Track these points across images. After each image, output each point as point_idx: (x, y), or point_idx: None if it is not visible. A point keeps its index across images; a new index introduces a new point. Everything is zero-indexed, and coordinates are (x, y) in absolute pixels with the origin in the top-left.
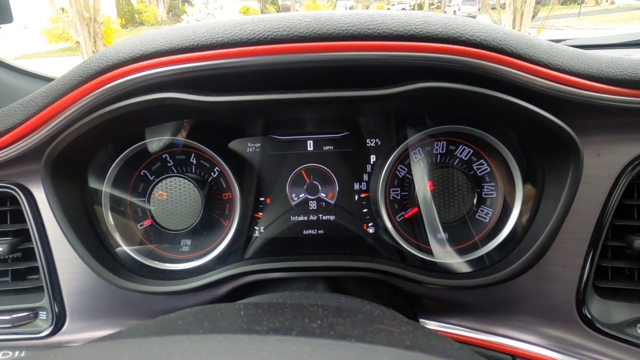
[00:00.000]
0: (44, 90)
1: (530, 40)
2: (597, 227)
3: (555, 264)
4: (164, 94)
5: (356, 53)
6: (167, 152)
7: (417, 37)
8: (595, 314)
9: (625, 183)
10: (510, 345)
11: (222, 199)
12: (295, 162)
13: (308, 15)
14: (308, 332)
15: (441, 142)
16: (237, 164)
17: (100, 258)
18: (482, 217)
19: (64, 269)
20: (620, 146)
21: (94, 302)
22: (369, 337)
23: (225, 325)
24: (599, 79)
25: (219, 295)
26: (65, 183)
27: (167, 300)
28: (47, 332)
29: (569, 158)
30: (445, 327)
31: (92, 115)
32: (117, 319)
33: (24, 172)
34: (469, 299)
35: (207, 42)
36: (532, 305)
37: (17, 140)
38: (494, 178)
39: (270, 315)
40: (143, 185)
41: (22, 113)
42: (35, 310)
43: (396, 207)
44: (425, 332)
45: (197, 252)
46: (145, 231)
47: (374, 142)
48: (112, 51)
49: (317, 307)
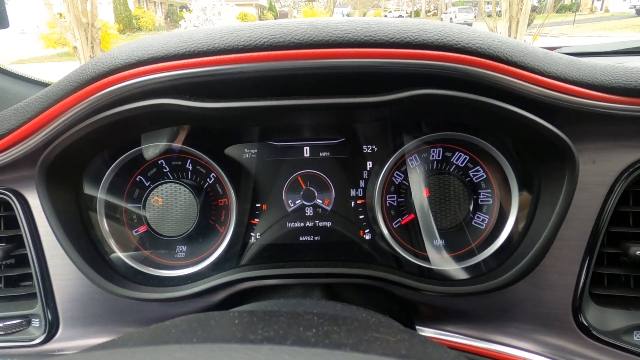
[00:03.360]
0: (40, 95)
1: (526, 48)
2: (593, 234)
3: (552, 271)
4: (160, 100)
5: (352, 60)
6: (163, 158)
7: (413, 45)
8: (592, 321)
9: (620, 190)
10: (507, 352)
11: (218, 205)
12: (291, 168)
13: (305, 22)
14: (303, 341)
15: (437, 149)
16: (233, 170)
17: (94, 265)
18: (478, 224)
19: (57, 275)
20: (615, 153)
21: (87, 309)
22: (364, 346)
23: (219, 334)
24: (593, 87)
25: (215, 302)
26: (59, 189)
27: (162, 307)
28: (40, 339)
29: (565, 165)
30: (441, 335)
31: (88, 121)
32: (110, 326)
33: (18, 178)
34: (465, 306)
35: (203, 48)
36: (528, 313)
37: (12, 146)
38: (490, 185)
39: (265, 323)
40: (138, 191)
41: (17, 118)
42: (28, 317)
43: (392, 214)
44: (421, 341)
45: (193, 259)
46: (140, 237)
47: (370, 149)
48: (108, 57)
49: (312, 315)
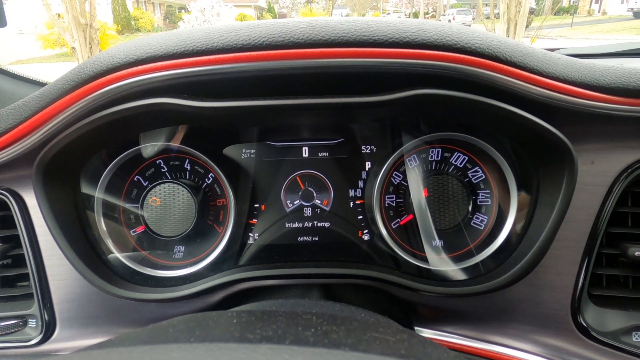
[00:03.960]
0: (37, 94)
1: (525, 49)
2: (591, 235)
3: (550, 272)
4: (159, 99)
5: (351, 60)
6: (161, 157)
7: (412, 44)
8: (591, 322)
9: (619, 191)
10: (506, 353)
11: (216, 205)
12: (290, 168)
13: (304, 21)
14: (301, 341)
15: (436, 149)
16: (231, 170)
17: (91, 265)
18: (477, 225)
19: (54, 275)
20: (614, 154)
21: (84, 309)
22: (363, 345)
23: (217, 334)
24: (592, 87)
25: (213, 303)
26: (57, 188)
27: (160, 307)
28: (37, 340)
29: (564, 166)
30: (440, 335)
31: (86, 120)
32: (108, 326)
33: (15, 178)
34: (464, 307)
35: (202, 47)
36: (527, 313)
37: (9, 145)
38: (489, 185)
39: (263, 323)
40: (136, 191)
41: (14, 117)
42: (25, 317)
43: (391, 214)
44: (420, 341)
45: (191, 259)
46: (138, 237)
47: (369, 149)
48: (106, 56)
49: (311, 315)
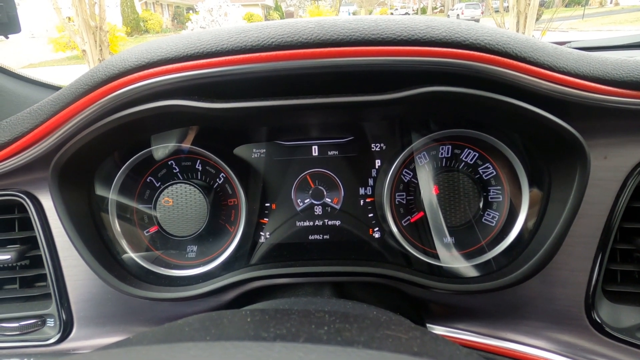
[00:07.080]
0: (51, 99)
1: (535, 43)
2: (605, 230)
3: (563, 268)
4: (170, 102)
5: (360, 58)
6: (173, 158)
7: (421, 42)
8: (605, 318)
9: (633, 185)
10: (519, 350)
11: (227, 205)
12: (300, 167)
13: (312, 21)
14: (315, 339)
15: (446, 146)
16: (242, 170)
17: (107, 265)
18: (488, 221)
19: (71, 276)
20: (627, 148)
21: (101, 308)
22: (377, 343)
23: (232, 332)
24: (604, 81)
25: (225, 302)
26: (72, 191)
27: (174, 306)
28: (55, 339)
29: (576, 161)
30: (452, 332)
31: (99, 123)
32: (124, 325)
33: (32, 180)
34: (476, 304)
35: (212, 49)
36: (540, 310)
37: (25, 149)
38: (500, 182)
39: (277, 321)
40: (149, 192)
41: (29, 122)
42: (43, 317)
43: (402, 212)
44: (432, 338)
45: (203, 259)
46: (151, 238)
47: (378, 147)
48: (118, 59)
49: (324, 313)
